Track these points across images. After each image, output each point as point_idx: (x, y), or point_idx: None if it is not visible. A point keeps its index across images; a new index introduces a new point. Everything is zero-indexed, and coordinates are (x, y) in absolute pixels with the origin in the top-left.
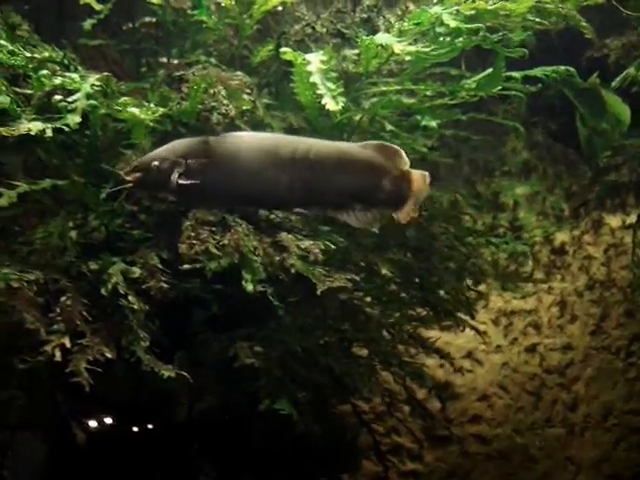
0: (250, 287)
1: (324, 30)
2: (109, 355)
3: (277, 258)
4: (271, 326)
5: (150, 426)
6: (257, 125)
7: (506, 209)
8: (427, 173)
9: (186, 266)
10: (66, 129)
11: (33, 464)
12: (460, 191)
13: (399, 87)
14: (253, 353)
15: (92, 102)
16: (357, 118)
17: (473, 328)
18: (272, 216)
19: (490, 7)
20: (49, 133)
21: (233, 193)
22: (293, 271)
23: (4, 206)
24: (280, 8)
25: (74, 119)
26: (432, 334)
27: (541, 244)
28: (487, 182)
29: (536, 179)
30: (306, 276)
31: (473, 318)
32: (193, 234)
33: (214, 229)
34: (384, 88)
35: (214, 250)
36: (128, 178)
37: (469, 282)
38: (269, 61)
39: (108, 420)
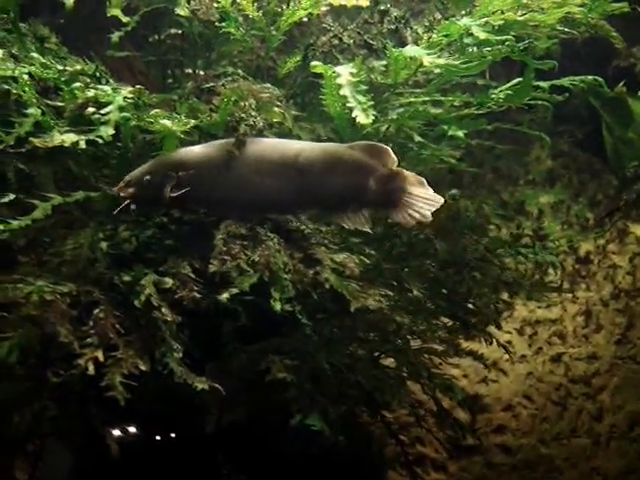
0: (278, 306)
1: (351, 41)
2: (143, 368)
3: (310, 273)
4: (299, 338)
5: (179, 436)
6: (285, 136)
7: (530, 218)
8: (423, 179)
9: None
10: (99, 141)
11: (64, 475)
12: (487, 200)
13: (427, 98)
14: (285, 367)
15: (125, 114)
16: (383, 129)
17: (501, 344)
18: (302, 227)
19: (519, 18)
20: (82, 145)
21: (224, 202)
22: (328, 286)
23: (38, 219)
24: (305, 19)
25: (107, 131)
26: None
27: (566, 253)
28: (511, 191)
29: (560, 188)
30: (339, 292)
31: (500, 329)
32: (225, 249)
33: (245, 243)
34: (412, 99)
35: (245, 266)
36: (122, 194)
37: (501, 294)
38: (295, 72)
39: (139, 430)
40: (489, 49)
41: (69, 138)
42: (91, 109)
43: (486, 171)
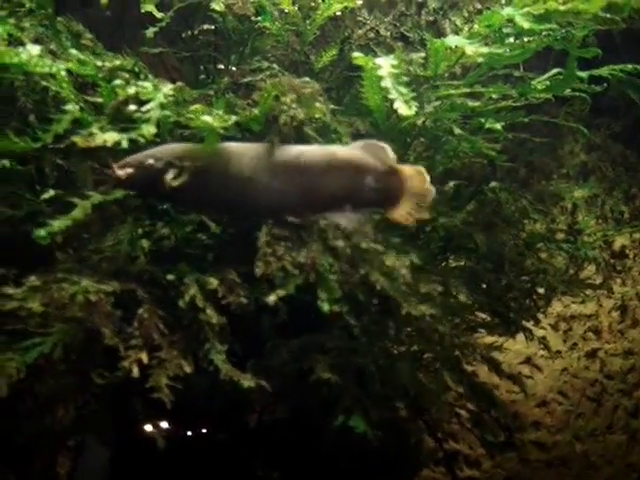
0: (326, 307)
1: (388, 34)
2: (188, 370)
3: (356, 274)
4: (342, 335)
5: (222, 433)
6: (323, 130)
7: (564, 212)
8: (423, 168)
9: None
10: (141, 140)
11: (101, 470)
12: (525, 194)
13: (467, 89)
14: (330, 367)
15: (166, 113)
16: (420, 122)
17: (540, 340)
18: (343, 226)
19: (562, 7)
20: (125, 145)
21: (225, 200)
22: (378, 287)
23: (79, 218)
24: (338, 13)
25: (149, 130)
26: (490, 339)
27: (601, 248)
28: (545, 185)
29: (595, 182)
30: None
31: (537, 324)
32: (270, 251)
33: (290, 245)
34: (452, 91)
35: (291, 268)
36: (120, 172)
37: (541, 289)
38: (331, 66)
39: (182, 427)
40: (531, 38)
41: (111, 137)
42: (132, 107)
43: (519, 165)
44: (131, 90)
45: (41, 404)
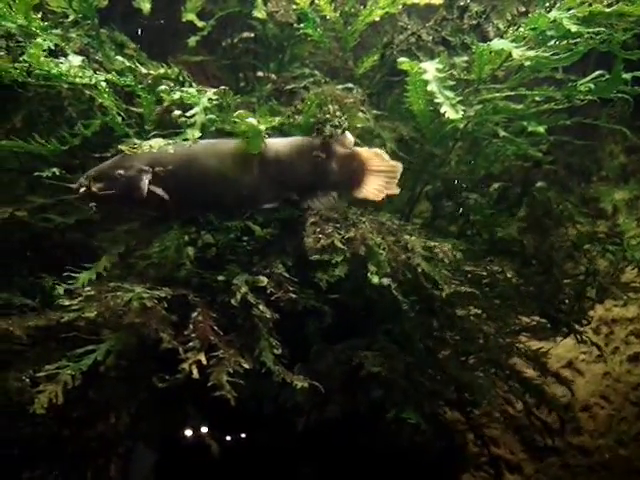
0: (375, 279)
1: (430, 38)
2: (246, 366)
3: (402, 256)
4: (383, 339)
5: (272, 435)
6: (366, 136)
7: (605, 215)
8: (379, 150)
9: (315, 257)
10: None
11: (152, 475)
12: (569, 197)
13: (511, 92)
14: (379, 362)
15: (211, 117)
16: (462, 125)
17: (592, 342)
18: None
19: (607, 10)
20: (171, 150)
21: (203, 199)
22: (420, 270)
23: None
24: (377, 18)
25: (194, 134)
26: (531, 343)
27: None
28: (584, 188)
29: (635, 184)
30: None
31: (583, 327)
32: (318, 229)
33: (338, 225)
34: (496, 94)
35: (339, 244)
36: (92, 189)
37: (592, 291)
38: (371, 71)
39: (233, 430)
40: (576, 41)
41: (157, 143)
42: (177, 112)
43: (558, 167)
44: (176, 95)
45: (95, 411)
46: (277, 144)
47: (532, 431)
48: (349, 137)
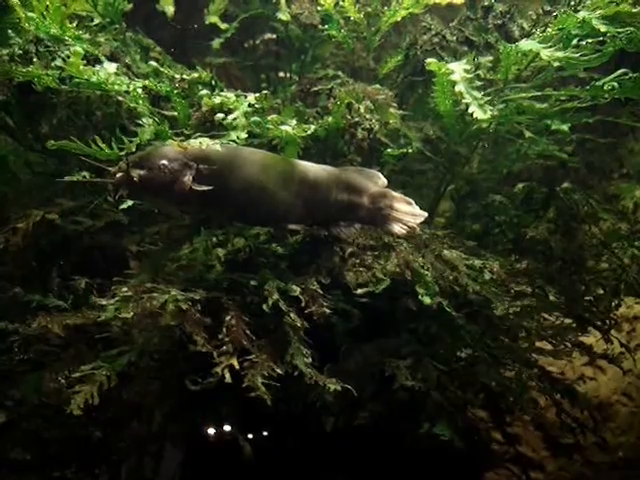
0: (428, 300)
1: (454, 38)
2: (279, 371)
3: (447, 274)
4: (410, 339)
5: (303, 436)
6: (393, 135)
7: (626, 212)
8: (410, 199)
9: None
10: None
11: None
12: (593, 195)
13: (538, 92)
14: (412, 375)
15: (256, 119)
16: (485, 125)
17: (622, 342)
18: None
19: (635, 10)
20: (218, 148)
21: (239, 204)
22: (470, 290)
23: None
24: (399, 19)
25: (240, 135)
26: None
27: None
28: (605, 185)
29: None
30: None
31: (612, 325)
32: (357, 261)
33: (376, 253)
34: (523, 94)
35: (381, 275)
36: (132, 174)
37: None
38: (394, 71)
39: (265, 432)
40: (600, 39)
41: (205, 141)
42: (220, 115)
43: (579, 165)
44: (217, 100)
45: (128, 411)
46: (317, 169)
47: (562, 430)
48: (382, 178)
